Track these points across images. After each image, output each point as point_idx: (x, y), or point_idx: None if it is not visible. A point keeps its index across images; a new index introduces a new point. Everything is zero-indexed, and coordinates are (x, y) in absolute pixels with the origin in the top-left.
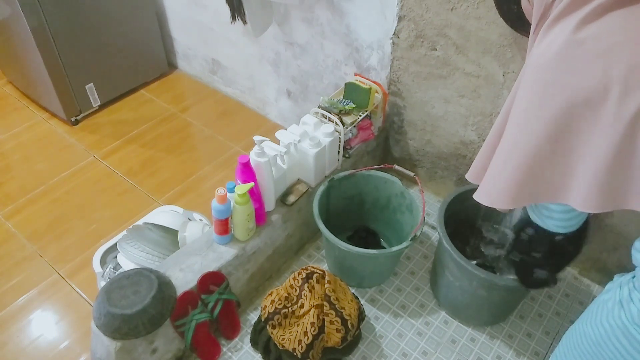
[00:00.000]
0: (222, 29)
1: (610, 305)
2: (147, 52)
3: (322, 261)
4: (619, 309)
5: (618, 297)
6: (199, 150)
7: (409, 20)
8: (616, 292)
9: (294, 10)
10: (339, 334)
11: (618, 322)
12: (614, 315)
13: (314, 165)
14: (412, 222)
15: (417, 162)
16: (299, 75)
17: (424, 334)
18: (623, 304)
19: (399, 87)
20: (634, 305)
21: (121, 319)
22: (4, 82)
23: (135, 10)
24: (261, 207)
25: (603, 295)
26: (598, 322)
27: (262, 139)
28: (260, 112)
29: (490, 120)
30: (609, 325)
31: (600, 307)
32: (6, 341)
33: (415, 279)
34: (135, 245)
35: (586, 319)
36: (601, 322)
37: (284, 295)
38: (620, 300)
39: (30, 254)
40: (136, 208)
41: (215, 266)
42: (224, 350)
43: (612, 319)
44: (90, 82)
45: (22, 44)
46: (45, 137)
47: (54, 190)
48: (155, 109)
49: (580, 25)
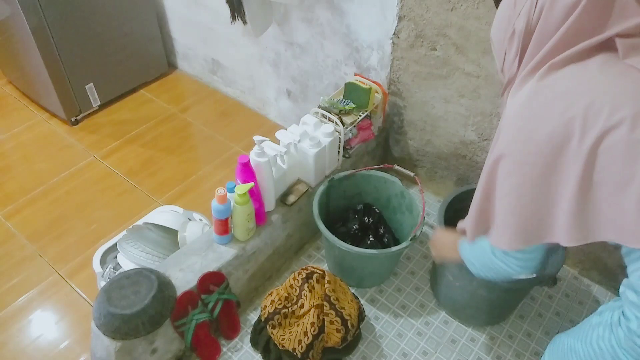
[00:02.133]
0: (222, 29)
1: (601, 329)
2: (147, 52)
3: (322, 261)
4: (609, 333)
5: (609, 320)
6: (199, 150)
7: (409, 20)
8: (608, 316)
9: (294, 10)
10: (339, 334)
11: (607, 346)
12: (605, 339)
13: (314, 165)
14: (412, 222)
15: (417, 162)
16: (299, 75)
17: (424, 334)
18: (613, 328)
19: (399, 87)
20: (621, 330)
21: (121, 319)
22: (4, 82)
23: (135, 10)
24: (261, 207)
25: (596, 317)
26: (588, 342)
27: (262, 139)
28: (260, 112)
29: (490, 120)
30: (599, 347)
31: (592, 328)
32: (6, 341)
33: (415, 279)
34: (135, 245)
35: (577, 336)
36: (591, 343)
37: (284, 295)
38: (611, 324)
39: (30, 254)
40: (136, 208)
41: (215, 266)
42: (224, 350)
43: (603, 341)
44: (90, 82)
45: (22, 44)
46: (45, 137)
47: (54, 190)
48: (155, 109)
49: (543, 76)
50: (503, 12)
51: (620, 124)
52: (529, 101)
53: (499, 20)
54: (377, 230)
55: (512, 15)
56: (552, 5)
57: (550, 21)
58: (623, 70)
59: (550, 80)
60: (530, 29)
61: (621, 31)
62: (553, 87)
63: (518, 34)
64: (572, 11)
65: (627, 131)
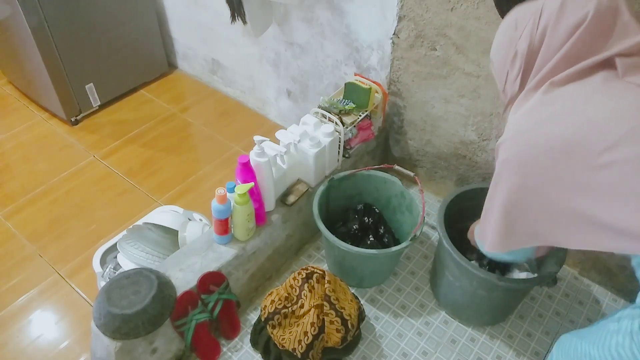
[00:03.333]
0: (222, 29)
1: (621, 337)
2: (147, 52)
3: (322, 261)
4: (630, 341)
5: (629, 328)
6: (199, 150)
7: (409, 20)
8: (628, 324)
9: (294, 10)
10: (339, 334)
11: (628, 353)
12: (625, 346)
13: (314, 165)
14: (412, 222)
15: (417, 162)
16: (299, 75)
17: (424, 334)
18: (634, 336)
19: (399, 87)
20: None
21: (121, 319)
22: (4, 82)
23: (135, 10)
24: (261, 207)
25: (613, 324)
26: (607, 348)
27: (262, 139)
28: (260, 112)
29: (490, 121)
30: (618, 355)
31: (610, 335)
32: (6, 341)
33: (415, 279)
34: (135, 245)
35: (592, 342)
36: (609, 349)
37: (284, 295)
38: (632, 332)
39: (30, 254)
40: (136, 208)
41: (215, 266)
42: (224, 350)
43: (622, 349)
44: (90, 82)
45: (22, 44)
46: (45, 137)
47: (54, 190)
48: (155, 109)
49: (546, 92)
50: (504, 34)
51: (622, 139)
52: (534, 110)
53: (499, 42)
54: (377, 230)
55: (513, 37)
56: (556, 25)
57: (553, 41)
58: (623, 87)
59: (553, 95)
60: (533, 50)
61: (622, 50)
62: (556, 102)
63: (520, 55)
64: (575, 31)
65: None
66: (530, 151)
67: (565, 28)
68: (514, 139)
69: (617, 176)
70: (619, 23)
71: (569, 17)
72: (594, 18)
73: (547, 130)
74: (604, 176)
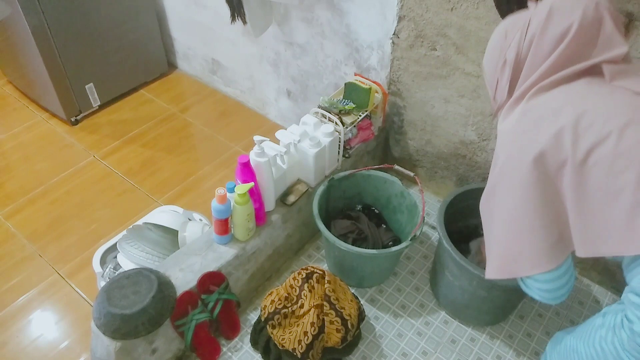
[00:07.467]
0: (222, 29)
1: (604, 331)
2: (147, 52)
3: (322, 261)
4: (612, 335)
5: (612, 323)
6: (199, 150)
7: (409, 20)
8: (611, 318)
9: (294, 10)
10: (339, 334)
11: (610, 347)
12: (607, 340)
13: (314, 165)
14: (412, 222)
15: (417, 162)
16: (299, 75)
17: (423, 334)
18: (616, 330)
19: (399, 87)
20: (624, 333)
21: (121, 319)
22: (4, 82)
23: (135, 10)
24: (261, 207)
25: (599, 319)
26: (591, 343)
27: (262, 139)
28: (260, 112)
29: (490, 120)
30: (601, 349)
31: (595, 330)
32: (6, 341)
33: (415, 279)
34: (135, 245)
35: (580, 337)
36: (593, 344)
37: (284, 295)
38: (614, 326)
39: (30, 254)
40: (136, 208)
41: (215, 266)
42: (224, 350)
43: (605, 343)
44: (90, 82)
45: (22, 44)
46: (45, 137)
47: (54, 190)
48: (155, 109)
49: (531, 97)
50: (495, 43)
51: (608, 137)
52: (518, 123)
53: (490, 50)
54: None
55: (503, 46)
56: (542, 35)
57: (539, 51)
58: (610, 89)
59: (538, 100)
60: (520, 59)
61: (607, 59)
62: (541, 105)
63: (509, 63)
64: (561, 42)
65: (614, 143)
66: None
67: (551, 38)
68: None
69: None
70: (603, 33)
71: (555, 28)
72: (579, 29)
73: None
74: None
